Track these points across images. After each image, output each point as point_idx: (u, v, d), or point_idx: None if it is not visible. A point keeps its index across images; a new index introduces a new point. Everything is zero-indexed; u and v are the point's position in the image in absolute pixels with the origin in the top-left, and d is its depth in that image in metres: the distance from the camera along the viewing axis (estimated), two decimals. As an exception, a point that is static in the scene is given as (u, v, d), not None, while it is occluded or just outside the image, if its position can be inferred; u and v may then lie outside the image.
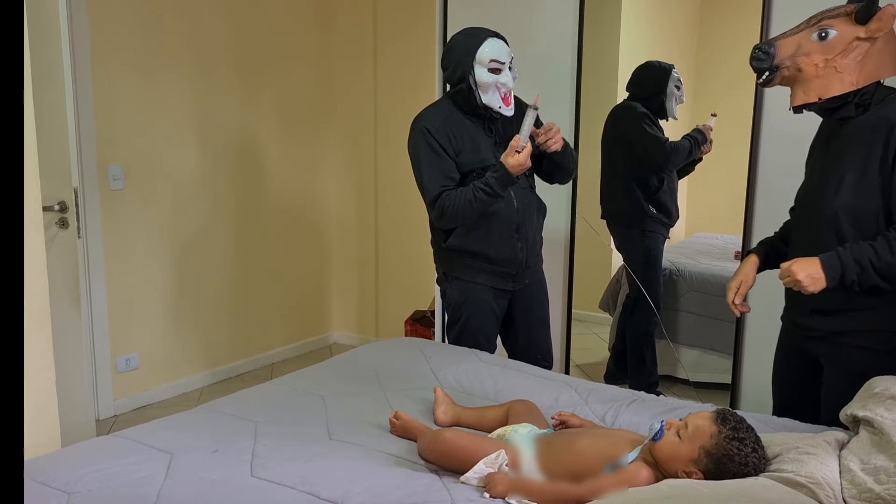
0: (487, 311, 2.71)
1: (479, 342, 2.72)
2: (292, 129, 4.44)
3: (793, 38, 1.96)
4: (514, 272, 2.68)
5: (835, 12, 1.93)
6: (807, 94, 1.96)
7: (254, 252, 4.31)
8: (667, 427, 1.73)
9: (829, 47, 1.91)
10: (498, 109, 2.52)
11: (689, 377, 3.45)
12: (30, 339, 2.14)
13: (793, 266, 1.90)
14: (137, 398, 3.82)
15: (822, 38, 1.92)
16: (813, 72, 1.93)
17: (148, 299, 3.82)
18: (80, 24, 3.39)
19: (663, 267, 3.48)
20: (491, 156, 2.55)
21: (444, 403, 2.15)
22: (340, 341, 4.89)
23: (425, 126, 2.56)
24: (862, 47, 1.90)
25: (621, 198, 3.44)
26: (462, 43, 2.53)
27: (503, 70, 2.49)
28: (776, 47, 1.96)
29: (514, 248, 2.64)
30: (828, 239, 1.95)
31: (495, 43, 2.50)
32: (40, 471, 1.82)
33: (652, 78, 3.35)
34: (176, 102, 3.83)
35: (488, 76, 2.47)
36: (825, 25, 1.92)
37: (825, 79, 1.93)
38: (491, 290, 2.68)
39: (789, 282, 1.91)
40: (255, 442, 1.98)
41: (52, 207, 2.75)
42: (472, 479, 1.78)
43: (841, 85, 1.93)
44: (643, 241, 3.44)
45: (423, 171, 2.56)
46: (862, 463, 1.61)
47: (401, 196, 4.53)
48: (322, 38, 4.56)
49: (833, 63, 1.91)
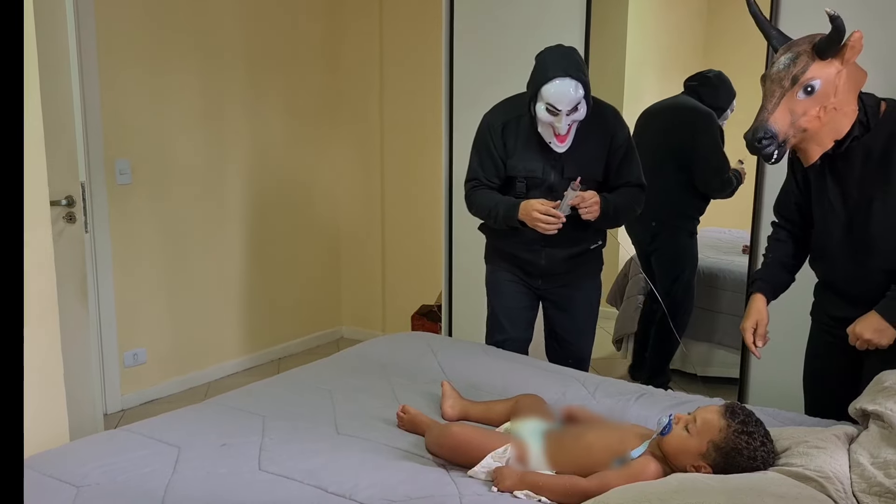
0: (510, 296, 2.73)
1: (502, 326, 2.74)
2: (299, 124, 4.44)
3: (780, 108, 1.89)
4: (537, 274, 2.69)
5: (800, 65, 1.86)
6: (823, 146, 1.93)
7: (261, 247, 4.31)
8: (675, 421, 1.72)
9: (820, 97, 1.87)
10: (549, 144, 2.50)
11: (697, 371, 3.44)
12: (37, 333, 2.15)
13: (856, 328, 1.93)
14: (145, 393, 3.83)
15: (809, 93, 1.87)
16: (817, 125, 1.89)
17: (155, 294, 3.83)
18: (87, 19, 3.39)
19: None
20: (539, 168, 2.55)
21: (451, 397, 2.15)
22: (347, 336, 4.89)
23: (490, 122, 2.64)
24: (844, 74, 1.87)
25: (672, 196, 3.33)
26: (539, 68, 2.47)
27: (559, 115, 2.42)
28: (771, 126, 1.89)
29: (536, 257, 2.64)
30: (875, 263, 1.97)
31: (561, 86, 2.40)
32: (49, 464, 1.83)
33: (726, 90, 3.24)
34: (183, 96, 3.83)
35: (545, 115, 2.45)
36: (806, 80, 1.86)
37: (831, 123, 1.90)
38: (515, 278, 2.72)
39: (861, 343, 1.93)
40: (262, 436, 1.98)
41: (59, 202, 2.75)
42: (479, 473, 1.78)
43: (848, 119, 1.90)
44: (691, 242, 3.39)
45: (472, 157, 2.69)
46: (871, 457, 1.61)
47: (407, 191, 4.52)
48: (329, 31, 4.55)
49: (832, 106, 1.88)
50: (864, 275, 2.00)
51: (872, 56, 2.17)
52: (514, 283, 2.72)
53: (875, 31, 2.54)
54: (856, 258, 2.00)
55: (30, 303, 2.11)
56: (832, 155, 1.97)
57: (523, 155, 2.57)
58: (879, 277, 1.97)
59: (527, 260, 2.66)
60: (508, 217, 2.53)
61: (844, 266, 2.05)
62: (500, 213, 2.56)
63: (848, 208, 1.99)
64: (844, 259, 2.03)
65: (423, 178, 4.39)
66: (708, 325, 3.43)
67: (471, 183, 2.67)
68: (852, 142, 1.94)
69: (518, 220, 2.50)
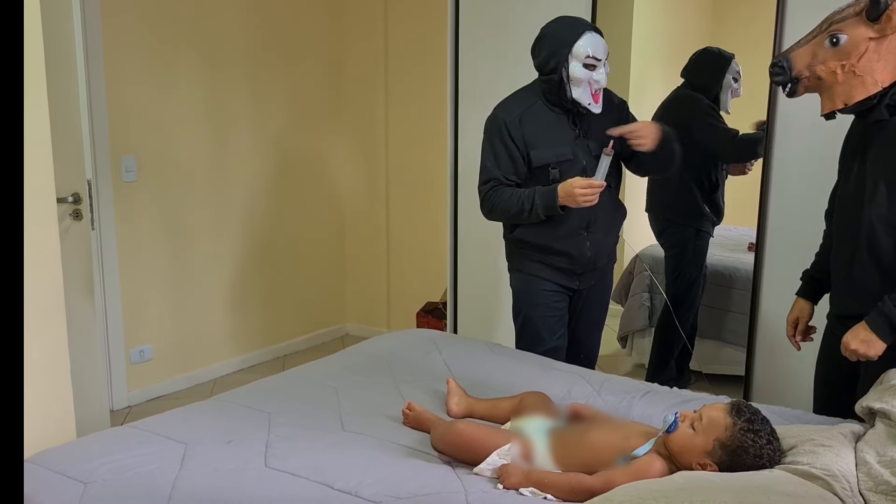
0: (548, 306, 2.63)
1: (542, 337, 2.65)
2: (304, 121, 4.44)
3: (806, 47, 1.92)
4: (581, 271, 2.61)
5: (844, 13, 1.87)
6: (833, 102, 1.92)
7: (266, 244, 4.32)
8: (681, 419, 1.72)
9: (843, 52, 1.86)
10: (587, 106, 2.44)
11: (702, 369, 3.44)
12: (44, 330, 2.15)
13: (844, 338, 1.92)
14: (151, 389, 3.84)
15: (834, 45, 1.87)
16: (833, 79, 1.89)
17: (161, 291, 3.84)
18: (93, 17, 3.40)
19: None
20: (569, 150, 2.49)
21: (456, 395, 2.15)
22: (353, 333, 4.90)
23: (504, 117, 2.52)
24: (878, 46, 1.84)
25: (676, 194, 3.33)
26: (559, 33, 2.46)
27: (598, 67, 2.41)
28: (790, 60, 1.92)
29: (581, 246, 2.55)
30: (864, 249, 1.94)
31: (593, 38, 2.43)
32: (56, 461, 1.83)
33: (709, 66, 3.17)
34: (188, 94, 3.84)
35: (582, 71, 2.40)
36: (835, 30, 1.87)
37: (846, 84, 1.88)
38: (553, 286, 2.62)
39: (850, 354, 1.91)
40: (268, 433, 1.98)
41: (65, 199, 2.76)
42: (485, 470, 1.78)
43: (864, 88, 1.87)
44: (696, 240, 3.37)
45: (486, 157, 2.56)
46: (878, 455, 1.60)
47: (412, 188, 4.52)
48: (334, 27, 4.55)
49: (852, 68, 1.86)
50: (860, 262, 1.96)
51: None
52: (551, 292, 2.63)
53: None
54: (855, 241, 1.97)
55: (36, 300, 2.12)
56: (864, 132, 1.96)
57: (548, 141, 2.49)
58: (872, 271, 1.94)
59: (570, 254, 2.56)
60: (548, 205, 2.42)
61: (842, 248, 2.03)
62: (535, 203, 2.43)
63: (860, 181, 1.96)
64: (846, 241, 2.01)
65: (428, 174, 4.39)
66: (713, 322, 3.43)
67: (488, 185, 2.54)
68: (883, 125, 1.90)
69: (559, 205, 2.41)
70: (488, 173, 2.54)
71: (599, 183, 2.37)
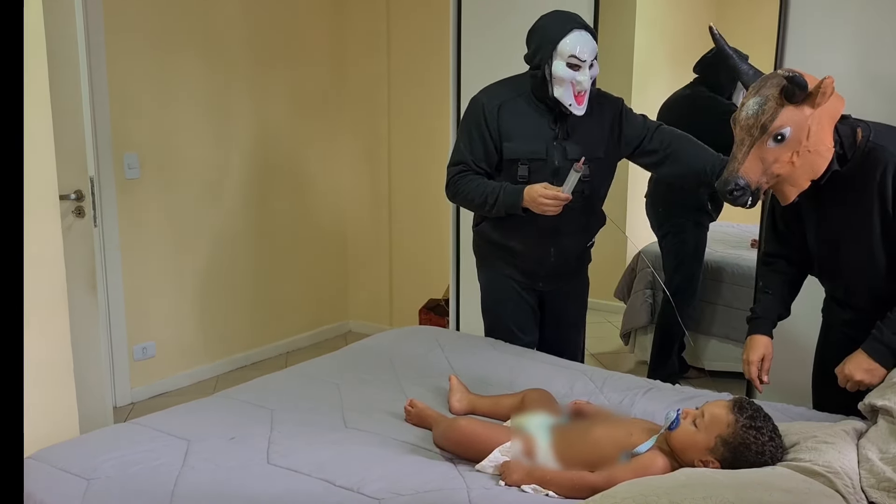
0: (517, 302, 2.62)
1: (513, 333, 2.64)
2: (306, 117, 4.44)
3: (751, 157, 1.83)
4: (543, 274, 2.58)
5: (767, 110, 1.80)
6: (799, 187, 1.87)
7: (269, 240, 4.32)
8: (683, 416, 1.72)
9: (792, 142, 1.80)
10: (568, 106, 2.37)
11: (704, 366, 3.43)
12: (47, 327, 2.16)
13: (845, 369, 1.92)
14: (154, 386, 3.84)
15: (779, 141, 1.81)
16: (791, 169, 1.83)
17: (164, 288, 3.84)
18: (94, 13, 3.40)
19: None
20: (543, 149, 2.42)
21: (459, 391, 2.16)
22: (355, 330, 4.90)
23: (484, 103, 2.47)
24: (817, 118, 1.80)
25: (681, 188, 3.24)
26: (547, 28, 2.38)
27: (582, 68, 2.33)
28: (742, 177, 1.84)
29: (544, 251, 2.52)
30: (864, 283, 1.98)
31: (580, 36, 2.34)
32: (60, 457, 1.84)
33: (726, 67, 3.22)
34: (191, 91, 3.84)
35: (565, 71, 2.33)
36: (776, 129, 1.80)
37: (805, 165, 1.83)
38: (518, 283, 2.60)
39: (852, 385, 1.91)
40: (271, 429, 1.99)
41: (68, 196, 2.76)
42: (487, 467, 1.78)
43: (822, 158, 1.84)
44: (696, 233, 3.35)
45: (460, 139, 2.53)
46: (881, 452, 1.60)
47: (414, 185, 4.52)
48: (336, 23, 4.55)
49: (805, 149, 1.81)
50: (853, 291, 2.04)
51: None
52: (518, 291, 2.61)
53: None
54: (836, 280, 2.05)
55: (39, 297, 2.12)
56: (813, 188, 1.92)
57: (524, 136, 2.43)
58: (865, 292, 2.00)
59: (531, 257, 2.53)
60: (511, 204, 2.36)
61: (832, 284, 2.10)
62: (499, 198, 2.38)
63: (822, 239, 2.01)
64: (829, 279, 2.09)
65: (430, 171, 4.38)
66: (715, 319, 3.42)
67: (457, 167, 2.49)
68: (832, 175, 1.89)
69: (521, 207, 2.35)
70: (460, 155, 2.50)
71: (565, 196, 2.28)
